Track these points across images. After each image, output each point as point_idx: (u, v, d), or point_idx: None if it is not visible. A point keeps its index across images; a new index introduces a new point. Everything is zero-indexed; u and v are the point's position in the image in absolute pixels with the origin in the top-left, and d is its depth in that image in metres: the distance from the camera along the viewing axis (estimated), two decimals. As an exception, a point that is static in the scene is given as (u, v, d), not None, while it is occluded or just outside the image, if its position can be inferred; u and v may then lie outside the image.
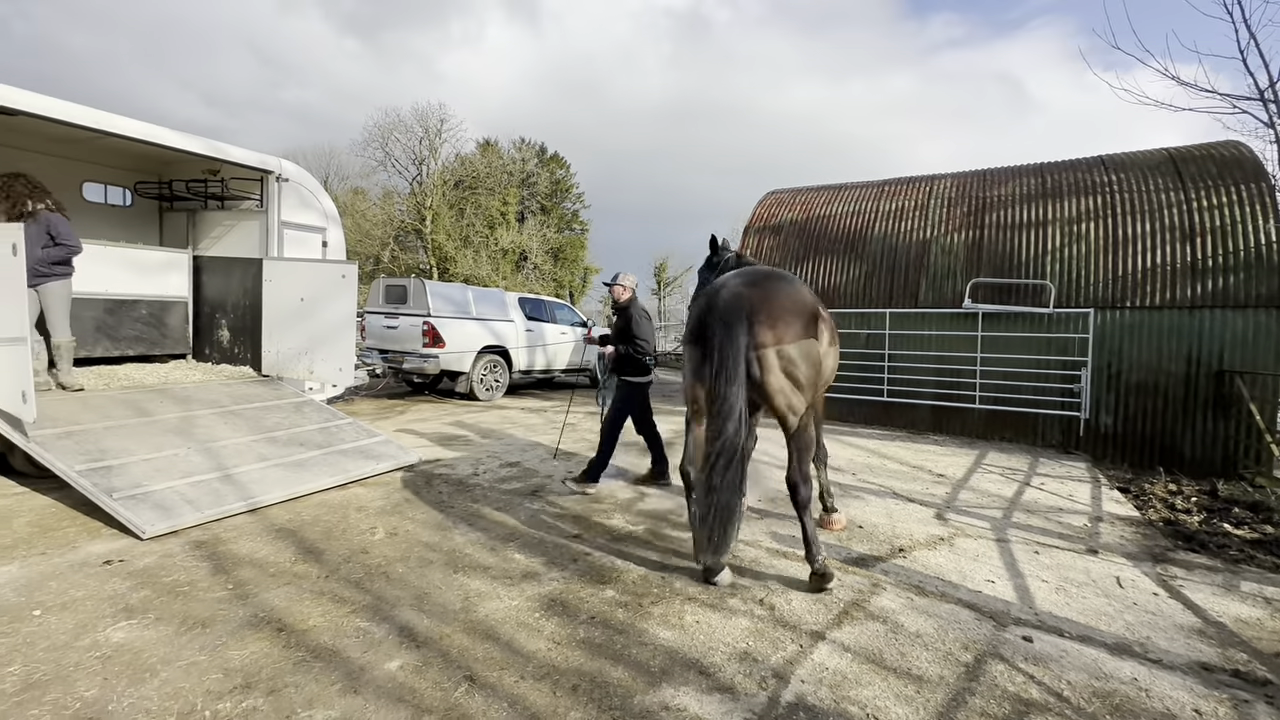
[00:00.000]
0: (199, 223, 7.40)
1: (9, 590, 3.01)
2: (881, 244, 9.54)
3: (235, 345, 7.06)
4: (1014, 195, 8.97)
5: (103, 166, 7.19)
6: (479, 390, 10.24)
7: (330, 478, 4.87)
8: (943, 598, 3.35)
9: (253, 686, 2.33)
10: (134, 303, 6.79)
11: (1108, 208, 8.16)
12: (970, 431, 8.48)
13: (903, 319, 8.96)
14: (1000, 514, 4.95)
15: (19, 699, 2.20)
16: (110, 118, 5.42)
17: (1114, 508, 5.32)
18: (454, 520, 4.29)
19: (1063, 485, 6.00)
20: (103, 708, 2.17)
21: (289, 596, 3.06)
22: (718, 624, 2.96)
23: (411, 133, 32.28)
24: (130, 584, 3.13)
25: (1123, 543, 4.40)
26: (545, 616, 2.97)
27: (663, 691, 2.41)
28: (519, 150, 36.38)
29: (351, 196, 31.82)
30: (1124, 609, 3.32)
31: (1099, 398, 7.71)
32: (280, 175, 6.73)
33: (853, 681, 2.53)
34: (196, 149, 6.10)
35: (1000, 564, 3.89)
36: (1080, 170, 8.82)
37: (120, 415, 4.92)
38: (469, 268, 30.34)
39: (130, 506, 3.81)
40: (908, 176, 10.48)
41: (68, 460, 4.06)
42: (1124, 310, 7.63)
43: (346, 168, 34.13)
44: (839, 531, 4.33)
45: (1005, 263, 8.45)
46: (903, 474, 6.17)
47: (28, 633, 2.64)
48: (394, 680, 2.41)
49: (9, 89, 4.76)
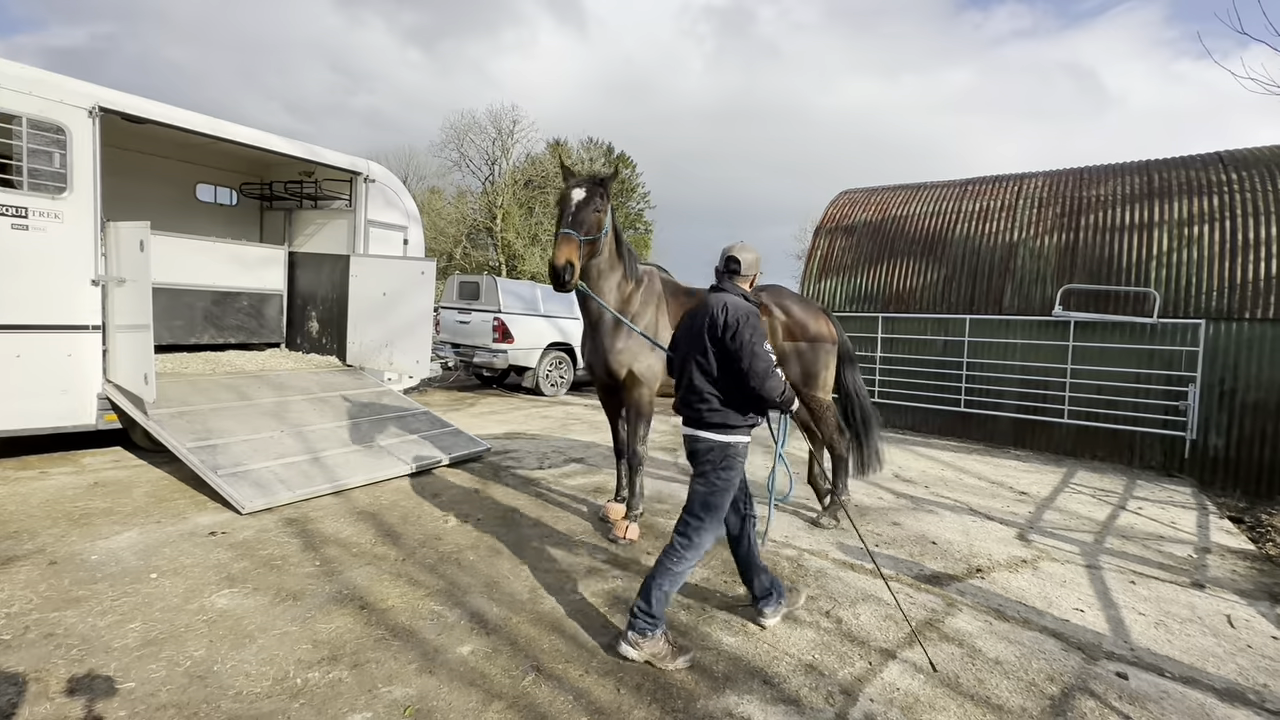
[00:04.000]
0: (294, 221, 7.93)
1: (130, 554, 3.33)
2: (963, 246, 9.07)
3: (323, 336, 7.53)
4: (1115, 195, 8.31)
5: (213, 169, 7.84)
6: (544, 386, 10.47)
7: (407, 465, 5.12)
8: (1025, 624, 3.16)
9: (338, 659, 2.48)
10: (237, 295, 7.36)
11: (1225, 209, 7.43)
12: (1056, 448, 7.94)
13: (984, 326, 8.48)
14: (1091, 538, 4.62)
15: (139, 653, 2.43)
16: (224, 125, 5.90)
17: (1224, 539, 4.85)
18: (521, 511, 4.42)
19: (1164, 511, 5.52)
20: (209, 668, 2.37)
21: (370, 576, 3.24)
22: (782, 633, 2.91)
23: (485, 134, 33.44)
24: (232, 554, 3.40)
25: (1234, 578, 4.01)
26: (609, 612, 3.00)
27: (726, 698, 2.39)
28: (587, 150, 36.94)
29: (428, 196, 33.22)
30: (1236, 651, 3.02)
31: (1208, 417, 7.04)
32: (368, 176, 7.11)
33: (926, 705, 2.42)
34: (296, 152, 6.54)
35: (1091, 592, 3.62)
36: (1193, 168, 8.07)
37: (224, 398, 5.35)
38: (536, 265, 31.10)
39: (232, 483, 4.13)
40: (993, 175, 9.92)
41: (180, 438, 4.46)
42: (1242, 323, 6.93)
43: (424, 168, 35.69)
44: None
45: (1103, 268, 7.85)
46: (981, 489, 5.86)
47: (146, 593, 2.92)
48: (465, 664, 2.50)
49: (140, 100, 5.25)
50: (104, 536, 3.54)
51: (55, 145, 4.64)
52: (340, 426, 5.42)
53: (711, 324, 2.68)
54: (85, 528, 3.65)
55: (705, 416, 2.71)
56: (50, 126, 4.60)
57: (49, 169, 4.62)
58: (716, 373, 2.69)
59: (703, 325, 2.72)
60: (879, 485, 5.75)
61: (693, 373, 2.74)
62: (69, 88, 4.74)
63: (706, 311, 2.74)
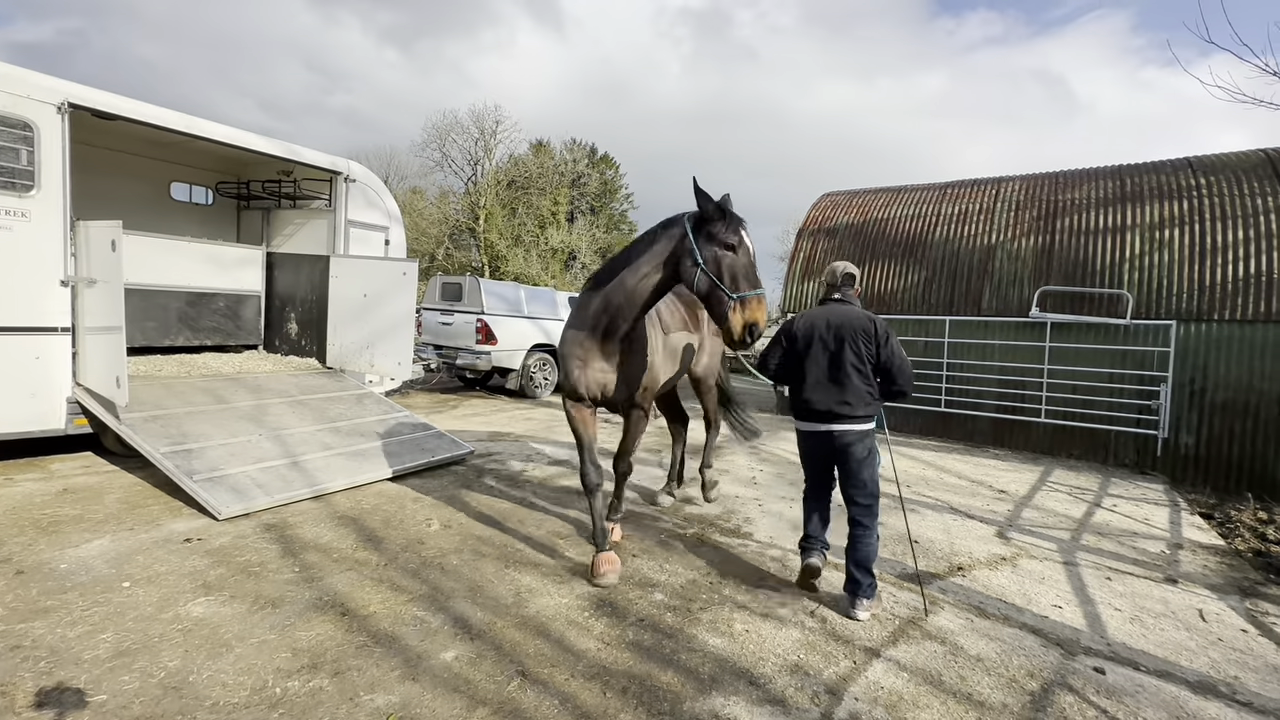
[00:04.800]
0: (272, 221, 7.80)
1: (101, 563, 3.24)
2: (943, 249, 9.20)
3: (302, 338, 7.41)
4: (1089, 199, 8.49)
5: (189, 167, 7.68)
6: (529, 387, 10.42)
7: (389, 468, 5.05)
8: (1006, 620, 3.21)
9: (319, 667, 2.44)
10: (213, 296, 7.22)
11: (1195, 213, 7.63)
12: (1034, 446, 8.08)
13: (963, 327, 8.61)
14: (1068, 535, 4.70)
15: (111, 665, 2.37)
16: (199, 122, 5.78)
17: (1196, 534, 4.97)
18: (505, 515, 4.38)
19: (1138, 508, 5.65)
20: (184, 678, 2.31)
21: (351, 582, 3.19)
22: (768, 633, 2.92)
23: (468, 134, 33.16)
24: (208, 562, 3.32)
25: (1206, 573, 4.11)
26: (595, 616, 2.99)
27: (713, 699, 2.39)
28: (570, 151, 36.84)
29: (410, 196, 32.87)
30: (1208, 644, 3.09)
31: (1179, 416, 7.22)
32: (348, 176, 7.02)
33: (910, 703, 2.44)
34: (274, 151, 6.43)
35: (1068, 588, 3.69)
36: (1164, 173, 8.28)
37: (200, 401, 5.24)
38: (519, 266, 30.93)
39: (208, 488, 4.05)
40: (972, 179, 10.08)
41: (153, 442, 4.35)
42: (1211, 323, 7.12)
43: (406, 168, 35.31)
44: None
45: (1078, 270, 8.02)
46: (961, 488, 5.94)
47: (118, 603, 2.84)
48: (450, 670, 2.47)
49: (111, 96, 5.12)
50: (74, 545, 3.44)
51: (22, 142, 4.51)
52: (320, 430, 5.33)
53: (865, 333, 3.18)
54: (54, 536, 3.54)
55: (857, 410, 3.17)
56: (17, 123, 4.47)
57: (16, 166, 4.49)
58: (871, 373, 3.19)
59: (848, 333, 3.18)
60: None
61: (847, 373, 3.17)
62: (36, 83, 4.61)
63: (847, 320, 3.22)
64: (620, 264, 3.30)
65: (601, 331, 3.35)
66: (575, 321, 3.49)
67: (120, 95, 5.22)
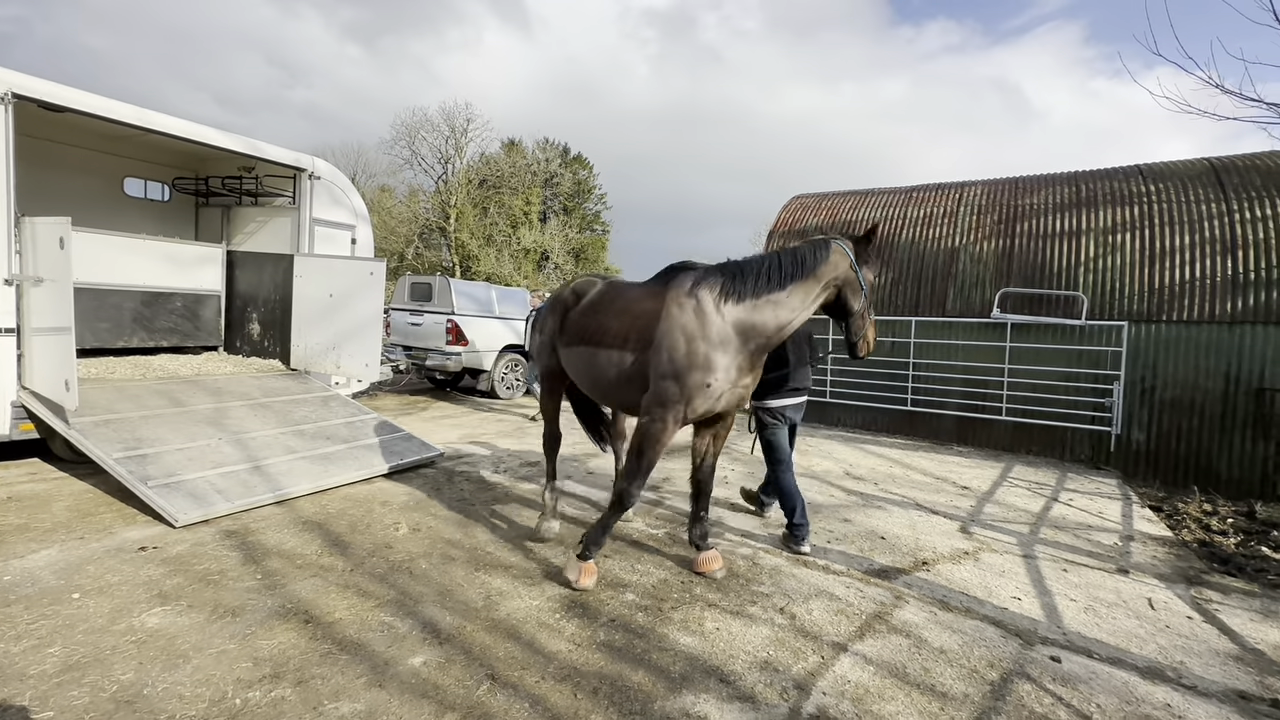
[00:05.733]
0: (233, 218, 7.57)
1: (49, 574, 3.11)
2: (909, 251, 9.42)
3: (265, 339, 7.21)
4: (1047, 204, 8.79)
5: (143, 162, 7.40)
6: (500, 389, 10.32)
7: (356, 471, 4.95)
8: (967, 613, 3.30)
9: (281, 676, 2.38)
10: (169, 295, 6.98)
11: (1145, 218, 7.96)
12: (996, 444, 8.32)
13: (929, 328, 8.83)
14: (1027, 529, 4.86)
15: (59, 680, 2.27)
16: (154, 115, 5.58)
17: (1146, 527, 5.19)
18: (475, 518, 4.33)
19: (1092, 502, 5.86)
20: (138, 691, 2.23)
21: (316, 588, 3.11)
22: (738, 631, 2.95)
23: (438, 131, 32.74)
24: (164, 571, 3.21)
25: (1155, 563, 4.29)
26: (566, 618, 2.98)
27: (683, 698, 2.40)
28: (543, 151, 36.62)
29: (378, 194, 32.29)
30: (1156, 632, 3.23)
31: (1131, 413, 7.52)
32: (313, 173, 6.86)
33: (875, 696, 2.49)
34: (234, 146, 6.24)
35: (1027, 581, 3.81)
36: (1116, 179, 8.62)
37: (155, 405, 5.06)
38: (491, 266, 30.62)
39: (164, 495, 3.91)
40: (937, 183, 10.33)
41: (105, 448, 4.19)
42: (1160, 324, 7.43)
43: (374, 165, 34.68)
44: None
45: (1036, 273, 8.29)
46: (926, 485, 6.08)
47: (67, 615, 2.72)
48: (418, 676, 2.44)
49: (58, 86, 4.91)
50: (18, 555, 3.29)
51: (-39, 133, 4.30)
52: (284, 433, 5.19)
53: (809, 333, 4.22)
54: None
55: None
56: (-45, 113, 4.26)
57: (-46, 159, 4.27)
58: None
59: (805, 324, 3.57)
60: (831, 484, 5.90)
61: (807, 358, 4.23)
62: (-23, 72, 4.40)
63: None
64: (774, 279, 3.26)
65: (752, 348, 3.30)
66: (705, 331, 3.21)
67: (67, 86, 5.01)
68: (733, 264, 3.41)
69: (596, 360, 3.57)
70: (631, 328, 3.42)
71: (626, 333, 3.43)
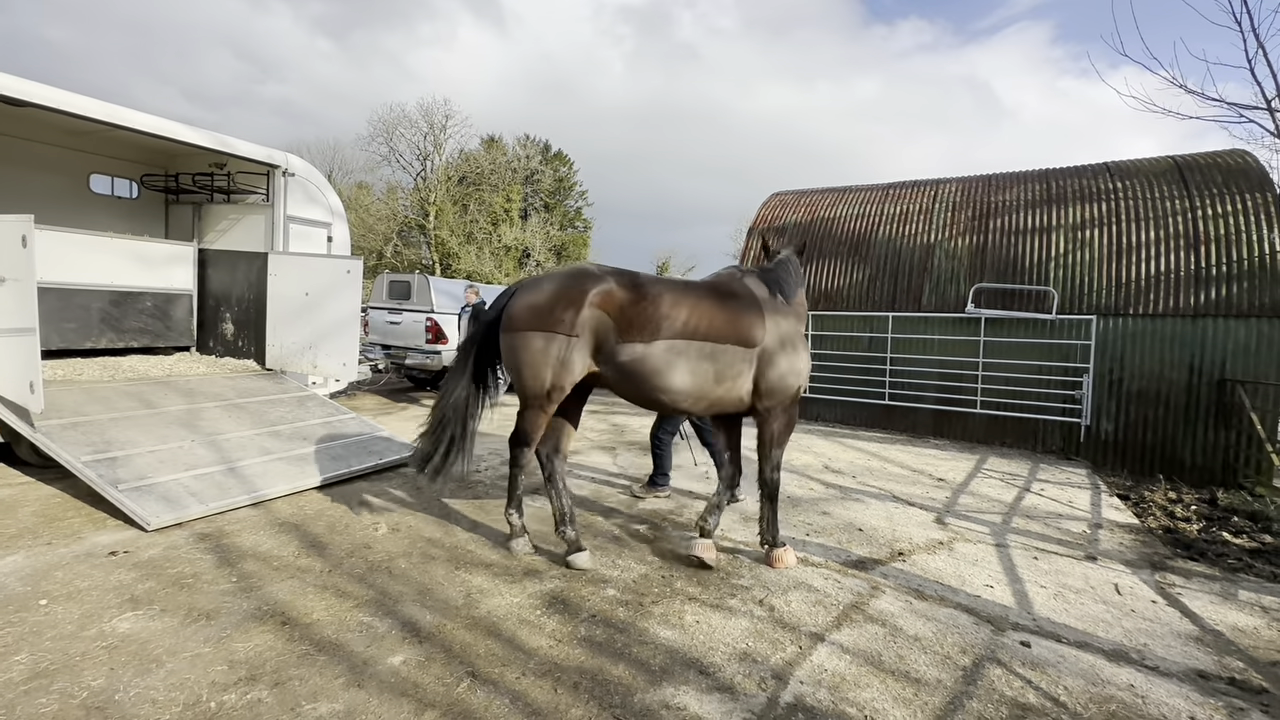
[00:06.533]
0: (204, 216, 7.42)
1: (15, 580, 3.03)
2: (886, 247, 9.55)
3: (239, 339, 7.09)
4: (1019, 200, 8.97)
5: (110, 159, 7.22)
6: (481, 387, 10.24)
7: (333, 472, 4.89)
8: (942, 602, 3.37)
9: (257, 679, 2.35)
10: (139, 295, 6.82)
11: (1113, 215, 8.16)
12: (971, 436, 8.49)
13: (905, 323, 8.97)
14: (1000, 519, 4.97)
15: (26, 687, 2.22)
16: (120, 111, 5.44)
17: (1113, 515, 5.34)
18: (456, 517, 4.32)
19: (1063, 491, 6.01)
20: (109, 697, 2.20)
21: (293, 590, 3.08)
22: (718, 624, 2.98)
23: (416, 128, 32.35)
24: (136, 575, 3.15)
25: (1122, 550, 4.42)
26: (547, 614, 2.99)
27: (663, 690, 2.43)
28: (523, 147, 36.37)
29: (355, 191, 31.84)
30: (1122, 616, 3.33)
31: (1100, 405, 7.72)
32: (286, 170, 6.75)
33: (851, 683, 2.54)
34: (204, 142, 6.12)
35: (999, 569, 3.90)
36: (1085, 177, 8.82)
37: (125, 407, 4.95)
38: (471, 264, 30.37)
39: (135, 498, 3.83)
40: (913, 180, 10.49)
41: (73, 451, 4.09)
42: (1127, 318, 7.64)
43: (350, 162, 34.17)
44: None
45: (1009, 268, 8.46)
46: (903, 477, 6.19)
47: (34, 622, 2.66)
48: (397, 675, 2.43)
49: (17, 80, 4.77)
50: (-17, 562, 3.20)
51: (-84, 128, 4.15)
52: (259, 434, 5.12)
53: None
54: (-41, 553, 3.29)
55: None
56: (-91, 107, 4.12)
57: (-91, 155, 4.13)
58: None
59: None
60: (810, 477, 5.98)
61: None
62: (-68, 64, 4.25)
63: None
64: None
65: None
66: (798, 331, 3.81)
67: (28, 80, 4.87)
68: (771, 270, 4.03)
69: (709, 355, 3.45)
70: (739, 321, 3.58)
71: (736, 327, 3.56)
